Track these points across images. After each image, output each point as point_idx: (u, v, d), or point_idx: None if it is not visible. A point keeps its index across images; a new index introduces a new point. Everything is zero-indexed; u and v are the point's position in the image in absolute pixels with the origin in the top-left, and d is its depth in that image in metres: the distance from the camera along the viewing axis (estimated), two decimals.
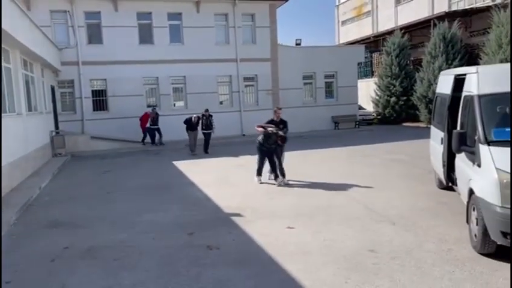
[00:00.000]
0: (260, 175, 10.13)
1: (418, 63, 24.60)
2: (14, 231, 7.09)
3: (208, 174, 11.75)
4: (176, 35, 20.65)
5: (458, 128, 6.47)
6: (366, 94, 27.82)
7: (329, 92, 24.30)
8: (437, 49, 21.73)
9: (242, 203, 8.26)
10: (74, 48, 19.04)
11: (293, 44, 24.68)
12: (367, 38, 31.26)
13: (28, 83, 13.40)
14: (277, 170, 9.94)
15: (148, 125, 18.46)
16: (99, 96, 19.87)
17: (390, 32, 26.99)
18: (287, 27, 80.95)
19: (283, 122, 10.16)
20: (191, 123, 16.01)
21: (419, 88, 22.64)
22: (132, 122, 19.32)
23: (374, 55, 31.26)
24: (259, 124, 10.04)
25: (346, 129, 22.75)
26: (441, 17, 22.94)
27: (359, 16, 37.34)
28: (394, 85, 24.94)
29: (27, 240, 6.55)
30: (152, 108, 18.78)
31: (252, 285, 4.70)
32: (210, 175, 11.54)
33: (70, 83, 19.49)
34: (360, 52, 25.37)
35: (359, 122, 24.35)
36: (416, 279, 4.62)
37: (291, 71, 22.61)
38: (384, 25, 32.01)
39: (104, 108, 19.90)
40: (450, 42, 21.57)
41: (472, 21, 23.90)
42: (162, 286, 4.77)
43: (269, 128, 9.73)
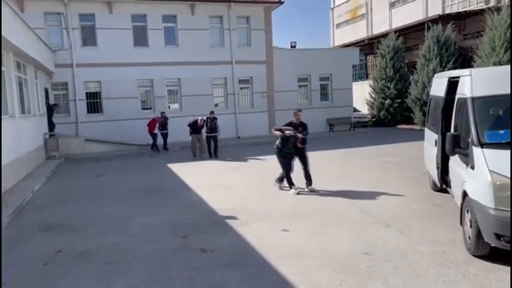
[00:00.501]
0: (292, 184, 9.23)
1: (412, 66, 24.71)
2: (6, 234, 7.02)
3: (203, 176, 11.71)
4: (171, 37, 20.62)
5: (452, 130, 6.48)
6: (361, 96, 27.90)
7: (324, 94, 24.36)
8: (431, 52, 21.85)
9: (237, 205, 8.24)
10: (68, 50, 18.95)
11: (288, 47, 24.75)
12: (362, 40, 31.37)
13: (21, 85, 13.32)
14: (298, 177, 9.24)
15: (157, 130, 17.57)
16: (93, 98, 19.78)
17: (384, 35, 27.11)
18: (282, 30, 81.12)
19: (303, 125, 9.50)
20: (196, 126, 15.34)
21: (414, 90, 22.74)
22: (127, 124, 19.25)
23: (368, 58, 31.36)
24: (277, 127, 9.48)
25: (341, 132, 22.79)
26: (435, 20, 23.07)
27: (354, 19, 37.49)
28: (389, 87, 25.03)
29: (20, 244, 6.49)
30: (161, 113, 17.98)
31: None
32: (205, 177, 11.51)
33: (64, 85, 19.38)
34: (355, 55, 25.45)
35: (353, 124, 24.40)
36: (410, 281, 4.62)
37: (286, 74, 22.63)
38: (378, 28, 32.16)
39: (99, 110, 19.81)
40: (444, 45, 21.69)
41: (465, 24, 24.06)
42: None
43: (287, 131, 9.13)
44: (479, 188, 5.04)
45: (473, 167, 5.28)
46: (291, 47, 24.70)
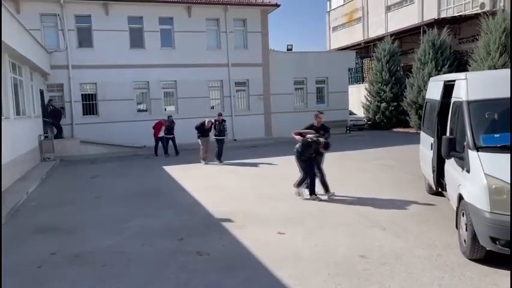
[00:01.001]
0: (314, 192, 8.72)
1: (408, 70, 24.84)
2: None
3: (199, 179, 11.69)
4: (167, 40, 20.60)
5: (448, 133, 6.51)
6: (357, 100, 27.99)
7: (320, 97, 24.39)
8: (426, 56, 21.96)
9: (233, 208, 8.22)
10: (64, 52, 18.89)
11: (284, 50, 24.79)
12: (358, 44, 31.50)
13: (16, 86, 13.25)
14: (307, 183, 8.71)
15: (162, 134, 16.86)
16: (89, 100, 19.70)
17: (380, 38, 27.24)
18: (279, 33, 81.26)
19: (325, 128, 9.05)
20: (204, 129, 14.51)
21: (409, 94, 22.83)
22: (122, 126, 19.19)
23: (364, 61, 31.48)
24: (297, 131, 8.93)
25: (337, 135, 22.75)
26: (430, 24, 23.21)
27: (350, 22, 37.62)
28: (384, 91, 25.13)
29: (14, 246, 6.43)
30: (168, 116, 17.31)
31: None
32: (201, 180, 11.48)
33: (60, 87, 19.30)
34: (351, 58, 25.53)
35: (349, 127, 24.45)
36: (406, 285, 4.62)
37: (283, 76, 22.66)
38: (374, 31, 32.28)
39: (94, 112, 19.73)
40: (439, 49, 21.81)
41: (460, 29, 24.22)
42: None
43: (308, 136, 8.65)
44: (474, 192, 5.06)
45: (468, 171, 5.29)
46: (288, 50, 24.75)
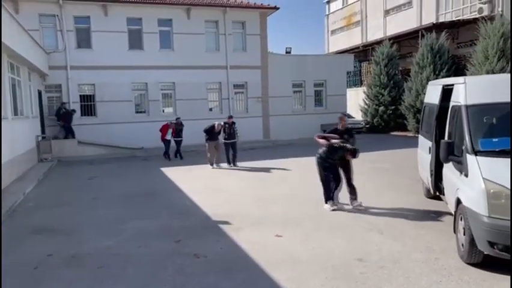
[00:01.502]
0: (331, 199, 8.06)
1: (406, 73, 24.89)
2: None
3: (196, 181, 11.67)
4: (166, 41, 20.61)
5: (446, 137, 6.52)
6: (355, 103, 28.03)
7: (318, 100, 24.43)
8: (425, 59, 22.02)
9: (230, 210, 8.20)
10: (63, 53, 18.87)
11: (283, 52, 24.82)
12: (356, 47, 31.57)
13: (15, 86, 13.22)
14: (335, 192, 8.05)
15: (170, 136, 16.26)
16: (87, 101, 19.68)
17: (379, 42, 27.30)
18: (277, 36, 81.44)
19: (349, 132, 8.47)
20: (213, 132, 13.86)
21: (407, 98, 22.88)
22: (120, 127, 19.16)
23: (363, 64, 31.55)
24: (321, 134, 8.36)
25: None
26: (429, 28, 23.29)
27: (349, 26, 37.72)
28: (383, 94, 25.17)
29: (10, 247, 6.39)
30: (176, 119, 16.68)
31: None
32: (198, 182, 11.46)
33: (58, 88, 19.27)
34: (350, 61, 25.58)
35: None
36: None
37: (281, 79, 22.69)
38: (373, 35, 32.38)
39: (92, 113, 19.71)
40: (437, 53, 21.88)
41: (459, 33, 24.31)
42: None
43: (333, 140, 7.99)
44: (473, 196, 5.06)
45: (467, 175, 5.30)
46: (286, 53, 24.79)
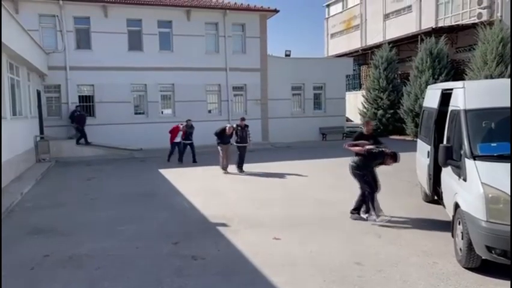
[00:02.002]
0: (380, 209, 7.34)
1: (405, 77, 24.93)
2: None
3: (194, 183, 11.65)
4: (166, 43, 20.59)
5: (445, 142, 6.52)
6: (354, 106, 28.04)
7: (317, 103, 24.44)
8: (424, 64, 22.06)
9: (228, 212, 8.19)
10: (62, 53, 18.84)
11: (283, 55, 24.83)
12: (356, 51, 31.61)
13: (14, 86, 13.19)
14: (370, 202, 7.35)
15: (179, 139, 15.75)
16: (86, 102, 19.64)
17: (378, 46, 27.34)
18: (277, 38, 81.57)
19: (375, 137, 7.87)
20: (224, 135, 13.22)
21: (406, 102, 22.90)
22: (119, 128, 19.12)
23: (362, 68, 31.59)
24: (351, 142, 7.68)
25: (333, 141, 22.82)
26: (428, 33, 23.33)
27: (348, 29, 37.78)
28: (381, 98, 25.20)
29: (7, 247, 6.36)
30: (187, 121, 15.97)
31: None
32: (197, 184, 11.45)
33: (57, 88, 19.23)
34: (349, 65, 25.60)
35: (346, 133, 24.47)
36: None
37: (280, 82, 22.69)
38: (372, 39, 32.42)
39: (91, 114, 19.64)
40: (437, 58, 21.92)
41: (458, 38, 24.37)
42: None
43: (368, 146, 7.37)
44: (471, 200, 5.06)
45: (465, 179, 5.30)
46: (286, 56, 24.79)
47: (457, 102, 6.09)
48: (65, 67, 18.89)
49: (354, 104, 28.34)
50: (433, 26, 24.70)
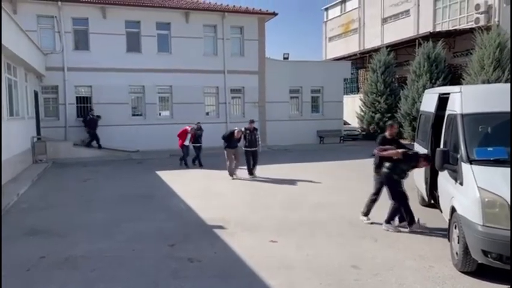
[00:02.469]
0: (414, 220, 6.99)
1: (403, 81, 24.99)
2: None
3: (191, 185, 11.64)
4: (164, 45, 20.59)
5: (441, 146, 6.54)
6: (352, 110, 28.10)
7: (315, 106, 24.46)
8: (421, 68, 22.12)
9: (225, 215, 8.18)
10: (60, 54, 18.81)
11: (281, 58, 24.87)
12: (353, 54, 31.69)
13: (11, 87, 13.16)
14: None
15: (188, 142, 15.08)
16: (83, 103, 19.61)
17: (376, 50, 27.42)
18: (275, 41, 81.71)
19: (397, 141, 7.62)
20: (232, 139, 12.65)
21: (404, 105, 22.95)
22: (116, 130, 19.09)
23: (360, 72, 31.66)
24: (381, 147, 7.25)
25: (331, 144, 22.88)
26: (426, 37, 23.42)
27: (346, 33, 37.90)
28: (379, 102, 25.25)
29: (3, 248, 6.33)
30: (197, 123, 15.51)
31: None
32: (194, 186, 11.43)
33: (54, 89, 19.19)
34: (347, 68, 25.67)
35: (343, 137, 24.53)
36: None
37: (278, 85, 22.71)
38: (370, 42, 32.53)
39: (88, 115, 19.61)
40: (434, 62, 21.98)
41: (455, 42, 24.46)
42: None
43: (400, 150, 7.00)
44: (467, 204, 5.08)
45: (462, 183, 5.32)
46: (284, 59, 24.83)
47: (454, 107, 6.12)
48: (63, 68, 18.85)
49: (352, 107, 28.40)
50: (431, 31, 24.79)
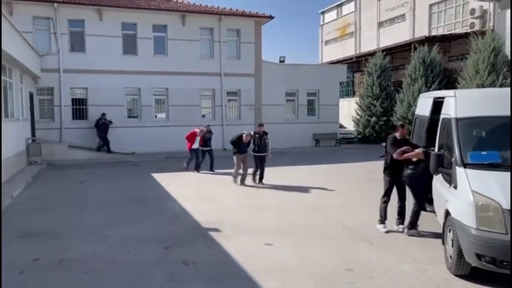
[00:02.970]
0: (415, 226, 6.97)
1: (398, 85, 25.10)
2: None
3: (187, 187, 11.61)
4: (160, 47, 20.58)
5: (436, 149, 6.58)
6: (348, 113, 28.18)
7: (311, 109, 24.53)
8: (417, 72, 22.24)
9: (221, 218, 8.17)
10: (56, 56, 18.76)
11: (277, 61, 24.93)
12: (350, 58, 31.82)
13: (6, 88, 13.11)
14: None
15: (197, 145, 14.39)
16: (79, 104, 19.54)
17: (372, 53, 27.54)
18: (272, 44, 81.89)
19: (408, 141, 7.53)
20: (241, 144, 11.88)
21: (399, 109, 23.05)
22: (112, 132, 19.01)
23: (356, 75, 31.78)
24: (401, 150, 6.86)
25: (327, 147, 22.92)
26: (421, 41, 23.56)
27: (343, 36, 38.05)
28: (375, 105, 25.35)
29: None
30: (207, 126, 14.96)
31: None
32: (189, 189, 11.41)
33: (50, 91, 19.12)
34: (343, 72, 25.75)
35: (339, 140, 24.58)
36: None
37: (275, 88, 22.76)
38: (366, 46, 32.68)
39: (84, 117, 19.56)
40: (429, 66, 22.12)
41: (450, 47, 24.62)
42: None
43: (419, 150, 6.84)
44: (461, 208, 5.10)
45: (456, 187, 5.35)
46: (280, 62, 24.89)
47: (448, 111, 6.15)
48: (58, 70, 18.80)
49: (348, 110, 28.49)
50: (426, 35, 24.94)
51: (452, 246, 5.29)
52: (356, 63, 31.87)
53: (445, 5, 26.66)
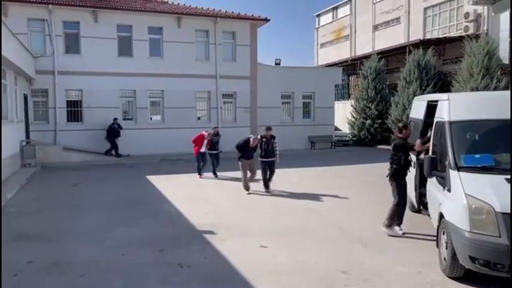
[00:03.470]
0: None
1: (393, 88, 25.20)
2: None
3: (182, 190, 11.59)
4: (156, 49, 20.55)
5: (430, 153, 6.61)
6: (343, 116, 28.27)
7: (306, 112, 24.57)
8: (411, 75, 22.34)
9: (216, 220, 8.17)
10: (51, 57, 18.69)
11: (273, 64, 24.96)
12: (345, 61, 31.94)
13: (0, 90, 13.04)
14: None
15: (204, 149, 13.73)
16: (74, 106, 19.46)
17: (367, 56, 27.64)
18: (267, 47, 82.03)
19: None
20: (248, 148, 11.27)
21: (394, 112, 23.14)
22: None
23: (351, 78, 31.88)
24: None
25: (322, 150, 22.96)
26: (416, 44, 23.70)
27: (338, 39, 38.21)
28: (370, 108, 25.43)
29: None
30: (214, 128, 14.47)
31: None
32: (184, 191, 11.40)
33: (44, 92, 19.03)
34: (338, 74, 25.84)
35: (334, 142, 24.64)
36: None
37: (270, 90, 22.78)
38: (361, 49, 32.84)
39: (79, 119, 19.48)
40: (424, 69, 22.22)
41: (445, 50, 24.79)
42: None
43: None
44: (455, 211, 5.14)
45: (449, 190, 5.38)
46: (276, 64, 24.92)
47: (442, 114, 6.19)
48: (53, 71, 18.71)
49: (343, 113, 28.57)
50: (421, 38, 25.11)
51: (446, 248, 5.32)
52: (351, 66, 31.98)
53: (440, 9, 26.86)
